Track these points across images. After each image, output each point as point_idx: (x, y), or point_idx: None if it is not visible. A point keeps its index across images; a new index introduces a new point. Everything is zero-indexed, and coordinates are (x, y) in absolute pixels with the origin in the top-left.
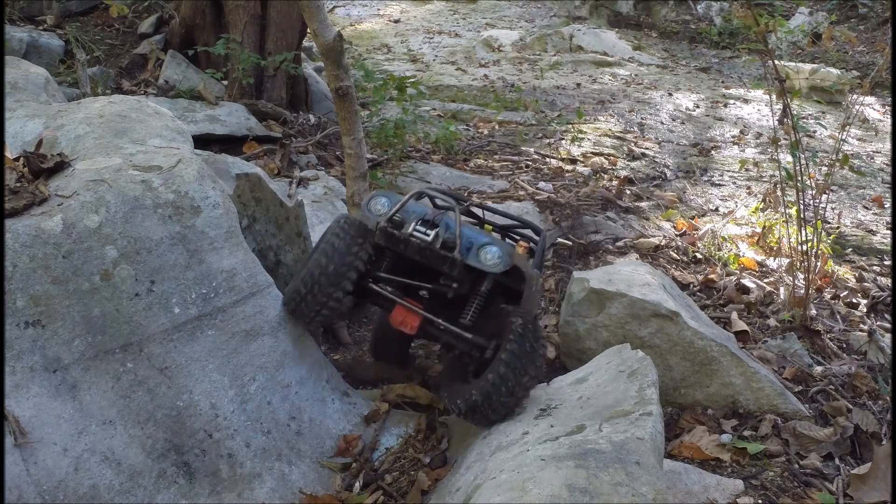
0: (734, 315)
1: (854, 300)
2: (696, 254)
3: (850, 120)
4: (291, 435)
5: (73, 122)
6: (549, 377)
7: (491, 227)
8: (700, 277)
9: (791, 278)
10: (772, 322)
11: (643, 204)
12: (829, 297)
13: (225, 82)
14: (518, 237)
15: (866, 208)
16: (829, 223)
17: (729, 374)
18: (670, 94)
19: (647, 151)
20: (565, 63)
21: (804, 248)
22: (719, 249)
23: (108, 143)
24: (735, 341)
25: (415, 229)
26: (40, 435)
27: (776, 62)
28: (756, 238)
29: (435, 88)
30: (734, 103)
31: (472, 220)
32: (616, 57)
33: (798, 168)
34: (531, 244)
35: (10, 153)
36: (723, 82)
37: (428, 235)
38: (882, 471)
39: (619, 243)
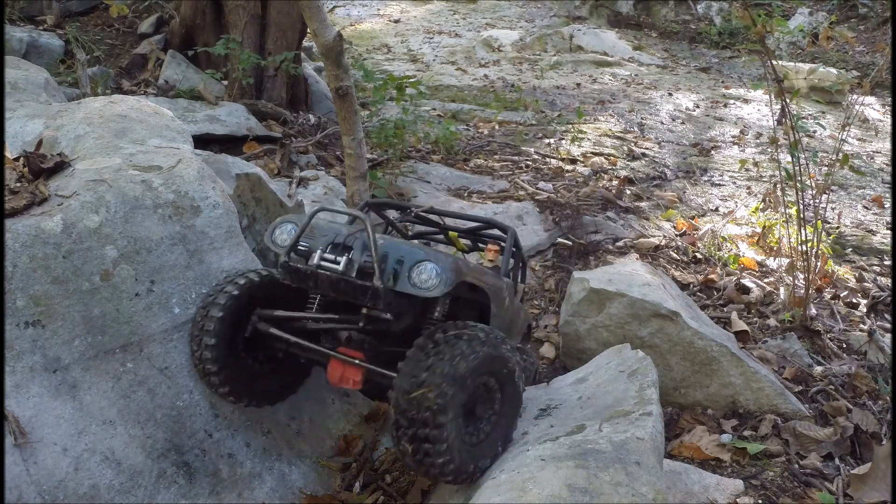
0: (734, 315)
1: (854, 300)
2: (696, 254)
3: (850, 120)
4: (291, 435)
5: (73, 122)
6: (549, 377)
7: (457, 234)
8: (700, 277)
9: (791, 278)
10: (772, 322)
11: (643, 204)
12: (829, 297)
13: (225, 82)
14: (489, 239)
15: (866, 208)
16: (829, 223)
17: (729, 374)
18: (670, 94)
19: (647, 151)
20: (565, 63)
21: (804, 248)
22: (719, 249)
23: (108, 143)
24: (735, 341)
25: (322, 258)
26: (40, 435)
27: (776, 62)
28: (756, 238)
29: (435, 88)
30: (734, 103)
31: (433, 227)
32: (616, 57)
33: (798, 168)
34: (502, 244)
35: (10, 153)
36: (723, 82)
37: (338, 263)
38: (882, 471)
39: (619, 243)
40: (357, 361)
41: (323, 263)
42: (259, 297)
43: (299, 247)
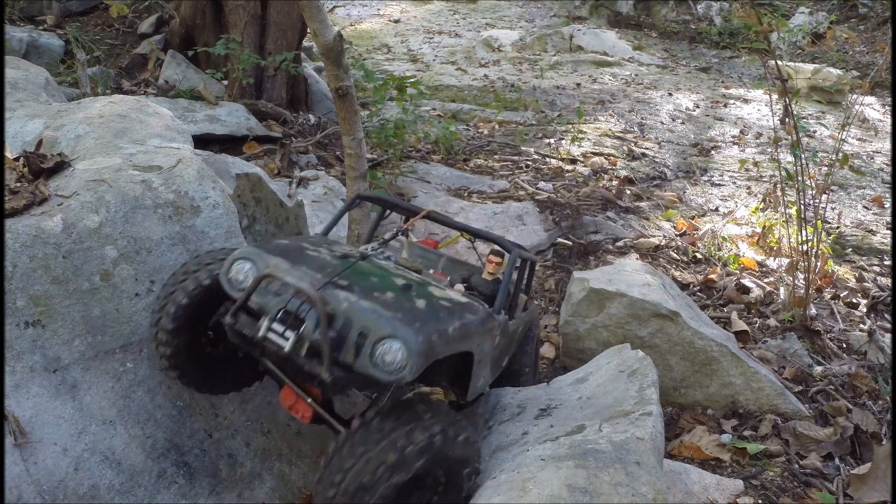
0: (734, 315)
1: (854, 300)
2: (696, 254)
3: (850, 120)
4: (291, 435)
5: (73, 122)
6: (549, 377)
7: (468, 236)
8: (700, 277)
9: (791, 278)
10: (772, 322)
11: (643, 204)
12: (829, 297)
13: (225, 82)
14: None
15: (866, 208)
16: (829, 223)
17: (729, 374)
18: (670, 94)
19: (647, 151)
20: (565, 63)
21: (804, 248)
22: (719, 249)
23: (108, 143)
24: (735, 341)
25: (270, 329)
26: (40, 435)
27: (777, 62)
28: (756, 238)
29: (435, 88)
30: (734, 103)
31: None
32: (616, 57)
33: (798, 168)
34: (501, 259)
35: (10, 153)
36: (723, 82)
37: (286, 339)
38: (882, 471)
39: (619, 243)
40: (309, 401)
41: (270, 336)
42: None
43: (250, 303)
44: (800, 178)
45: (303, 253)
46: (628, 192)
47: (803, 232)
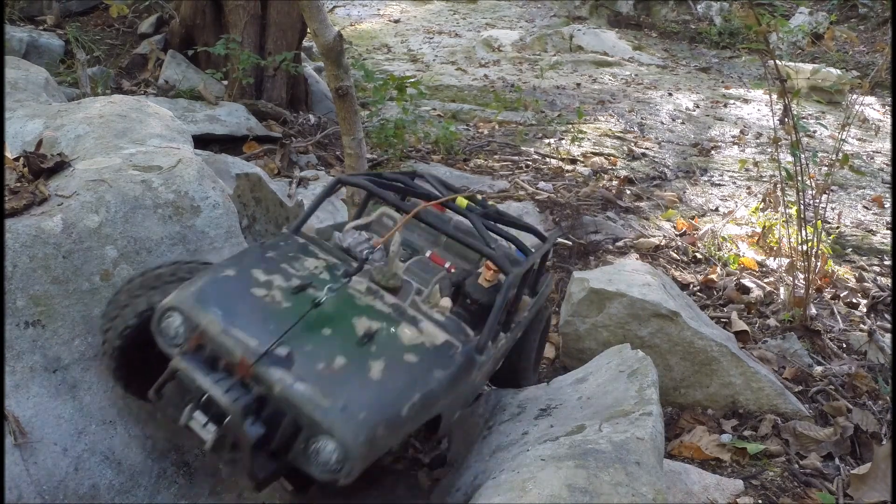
0: (734, 315)
1: (854, 300)
2: (696, 254)
3: (850, 120)
4: None
5: (73, 122)
6: (549, 377)
7: (465, 202)
8: (700, 277)
9: (791, 278)
10: (772, 322)
11: (643, 204)
12: (829, 297)
13: (225, 82)
14: (503, 240)
15: (866, 208)
16: (829, 223)
17: (729, 374)
18: (670, 94)
19: (647, 151)
20: (565, 63)
21: (804, 248)
22: (719, 249)
23: (108, 143)
24: (735, 341)
25: (192, 417)
26: (40, 435)
27: (777, 62)
28: (756, 238)
29: (435, 88)
30: (734, 103)
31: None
32: (616, 57)
33: (798, 168)
34: (501, 271)
35: (10, 153)
36: (723, 82)
37: (208, 432)
38: (882, 471)
39: (619, 243)
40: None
41: (192, 425)
42: None
43: (178, 376)
44: (800, 178)
45: (246, 295)
46: (628, 192)
47: (803, 232)
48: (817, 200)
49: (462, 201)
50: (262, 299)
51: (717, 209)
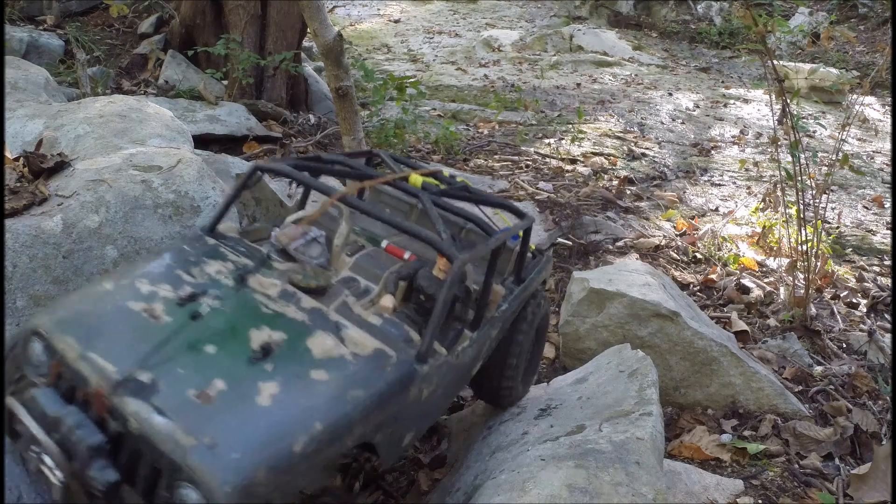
0: (734, 315)
1: (854, 300)
2: (696, 254)
3: (850, 120)
4: None
5: (73, 122)
6: (549, 377)
7: (420, 179)
8: (700, 277)
9: (791, 278)
10: (772, 322)
11: (643, 204)
12: (829, 297)
13: (225, 82)
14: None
15: (866, 208)
16: (829, 223)
17: (729, 374)
18: (670, 94)
19: (647, 151)
20: (565, 63)
21: (804, 248)
22: (719, 249)
23: (108, 143)
24: (735, 341)
25: (41, 461)
26: None
27: (776, 62)
28: (756, 238)
29: (435, 88)
30: (734, 103)
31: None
32: (616, 57)
33: (798, 168)
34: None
35: (10, 153)
36: (723, 82)
37: (55, 478)
38: (882, 471)
39: (619, 243)
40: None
41: (42, 469)
42: None
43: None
44: (800, 178)
45: (120, 312)
46: (628, 192)
47: (803, 232)
48: (817, 200)
49: (416, 179)
50: (138, 315)
51: (717, 209)
